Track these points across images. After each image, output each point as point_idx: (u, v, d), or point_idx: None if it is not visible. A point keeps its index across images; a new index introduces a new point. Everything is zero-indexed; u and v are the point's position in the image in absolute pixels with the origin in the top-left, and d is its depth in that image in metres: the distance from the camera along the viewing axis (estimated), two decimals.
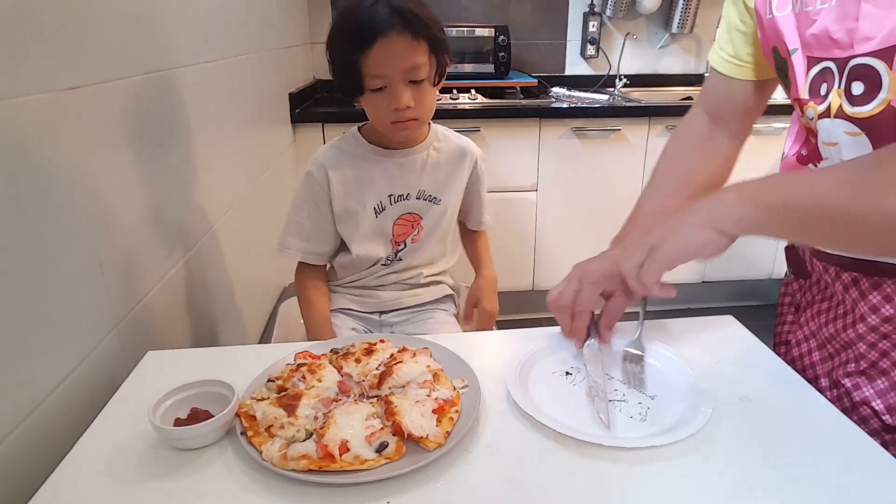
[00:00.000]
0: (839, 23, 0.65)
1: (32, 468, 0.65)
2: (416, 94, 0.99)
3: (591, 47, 2.72)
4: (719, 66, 0.88)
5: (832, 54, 0.68)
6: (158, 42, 1.07)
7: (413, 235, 1.16)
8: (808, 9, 0.69)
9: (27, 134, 0.69)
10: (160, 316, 1.02)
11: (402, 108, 0.98)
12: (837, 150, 0.70)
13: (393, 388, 0.70)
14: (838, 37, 0.66)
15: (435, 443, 0.62)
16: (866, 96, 0.64)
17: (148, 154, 1.01)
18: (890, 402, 0.73)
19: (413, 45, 0.96)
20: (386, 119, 1.01)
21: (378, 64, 0.95)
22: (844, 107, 0.67)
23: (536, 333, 0.86)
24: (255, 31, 1.74)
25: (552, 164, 2.32)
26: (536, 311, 2.40)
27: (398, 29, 0.94)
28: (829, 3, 0.67)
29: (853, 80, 0.66)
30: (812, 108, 0.71)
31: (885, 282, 0.72)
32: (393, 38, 0.94)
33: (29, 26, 0.70)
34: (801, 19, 0.70)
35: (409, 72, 0.97)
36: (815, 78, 0.71)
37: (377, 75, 0.96)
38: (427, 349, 0.78)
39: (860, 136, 0.66)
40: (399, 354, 0.76)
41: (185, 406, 0.67)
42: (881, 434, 0.73)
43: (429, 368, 0.73)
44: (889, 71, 0.61)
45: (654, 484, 0.59)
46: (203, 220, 1.26)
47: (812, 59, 0.71)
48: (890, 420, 0.72)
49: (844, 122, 0.67)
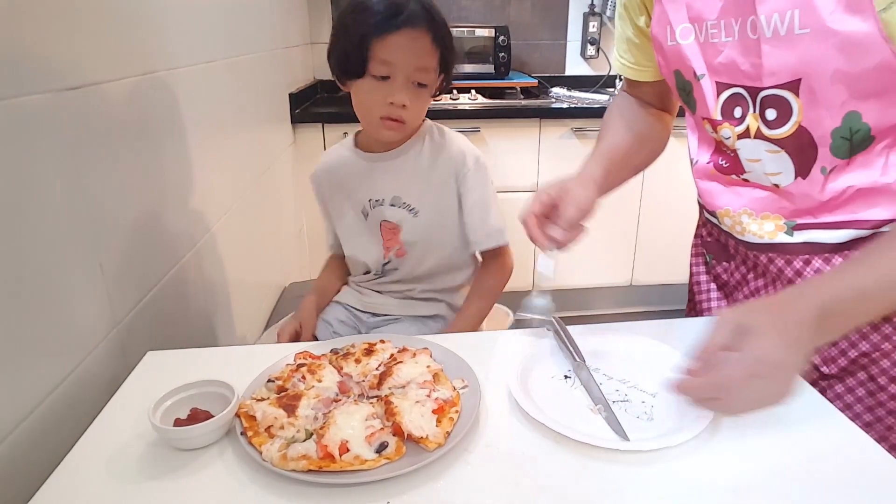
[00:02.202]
0: (744, 56, 0.71)
1: (32, 468, 0.65)
2: (415, 98, 0.98)
3: (592, 47, 2.72)
4: (625, 73, 0.95)
5: (742, 82, 0.73)
6: (158, 42, 1.06)
7: (397, 249, 1.10)
8: (713, 40, 0.74)
9: (27, 134, 0.69)
10: (160, 316, 1.02)
11: (399, 103, 0.96)
12: (761, 165, 0.77)
13: (393, 388, 0.70)
14: (745, 69, 0.72)
15: (435, 443, 0.62)
16: (780, 120, 0.72)
17: (148, 154, 1.01)
18: (825, 354, 0.79)
19: (430, 49, 0.96)
20: (376, 111, 0.98)
21: (393, 51, 0.94)
22: (762, 129, 0.74)
23: (537, 333, 0.86)
24: (255, 31, 1.74)
25: (552, 164, 2.32)
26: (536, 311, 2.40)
27: (424, 27, 0.94)
28: (732, 38, 0.72)
29: (766, 107, 0.72)
30: (728, 128, 0.78)
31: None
32: (417, 32, 0.94)
33: (29, 26, 0.70)
34: (707, 48, 0.76)
35: (418, 72, 0.96)
36: (727, 102, 0.77)
37: (387, 62, 0.94)
38: (427, 349, 0.78)
39: (780, 153, 0.74)
40: (399, 355, 0.76)
41: (185, 406, 0.67)
42: (818, 383, 0.80)
43: (429, 369, 0.73)
44: (797, 99, 0.69)
45: (654, 484, 0.59)
46: (203, 221, 1.26)
47: (721, 85, 0.76)
48: (826, 370, 0.80)
49: (764, 142, 0.75)
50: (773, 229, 0.79)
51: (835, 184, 0.72)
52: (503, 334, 0.89)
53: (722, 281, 0.94)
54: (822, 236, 0.76)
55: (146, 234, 0.99)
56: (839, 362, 0.79)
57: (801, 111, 0.69)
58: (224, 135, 1.41)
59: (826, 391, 0.79)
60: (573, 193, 0.76)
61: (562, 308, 0.81)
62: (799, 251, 0.78)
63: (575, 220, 0.76)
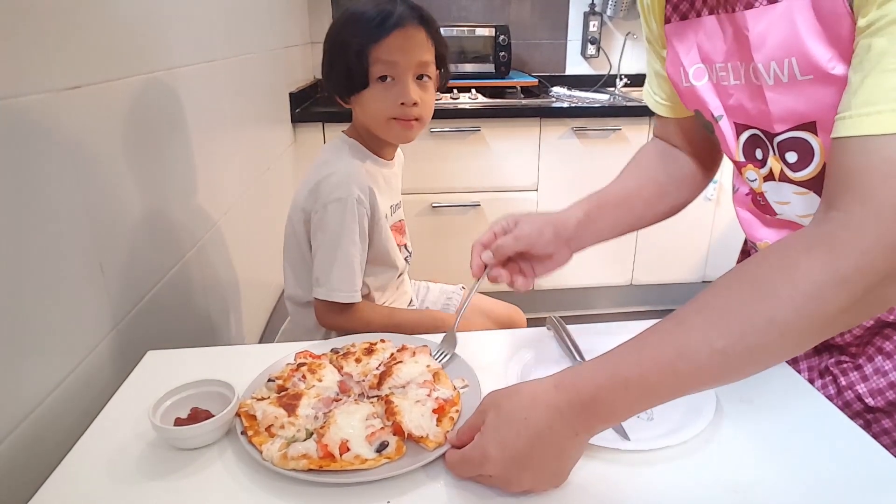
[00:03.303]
0: (752, 101, 0.67)
1: (32, 468, 0.65)
2: (423, 94, 1.00)
3: (592, 47, 2.72)
4: (656, 109, 0.89)
5: (756, 124, 0.69)
6: (158, 42, 1.06)
7: (406, 240, 1.19)
8: (723, 83, 0.71)
9: (27, 134, 0.69)
10: (160, 316, 1.02)
11: (410, 102, 0.98)
12: (790, 208, 0.71)
13: (393, 388, 0.70)
14: (754, 114, 0.68)
15: (435, 442, 0.62)
16: (802, 162, 0.66)
17: (148, 154, 1.00)
18: (872, 385, 0.74)
19: (426, 43, 0.99)
20: (388, 113, 1.00)
21: (393, 51, 0.96)
22: (785, 171, 0.69)
23: (537, 333, 0.86)
24: (255, 31, 1.74)
25: (552, 163, 2.32)
26: (537, 311, 2.39)
27: (416, 24, 0.97)
28: (739, 81, 0.68)
29: (785, 151, 0.67)
30: (753, 170, 0.74)
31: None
32: (410, 30, 0.96)
33: (29, 26, 0.70)
34: (720, 90, 0.72)
35: (420, 66, 0.99)
36: (747, 143, 0.72)
37: (389, 62, 0.97)
38: (426, 347, 0.78)
39: (809, 194, 0.68)
40: (399, 354, 0.76)
41: (185, 406, 0.67)
42: (863, 415, 0.75)
43: (429, 368, 0.73)
44: (816, 138, 0.63)
45: (654, 484, 0.59)
46: (203, 220, 1.26)
47: (740, 126, 0.72)
48: (872, 402, 0.74)
49: (790, 185, 0.69)
50: None
51: None
52: (503, 334, 0.89)
53: None
54: None
55: (146, 233, 0.99)
56: (887, 395, 0.73)
57: (823, 151, 0.63)
58: (224, 135, 1.41)
59: (871, 425, 0.74)
60: (518, 227, 0.77)
61: (562, 308, 0.81)
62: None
63: (504, 248, 0.76)
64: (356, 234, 1.00)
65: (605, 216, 0.83)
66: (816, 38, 0.58)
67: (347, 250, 0.99)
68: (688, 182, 0.89)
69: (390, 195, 1.12)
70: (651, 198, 0.87)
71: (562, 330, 0.82)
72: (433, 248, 2.25)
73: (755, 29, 0.63)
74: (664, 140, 0.91)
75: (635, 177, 0.88)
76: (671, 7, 0.76)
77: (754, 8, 0.63)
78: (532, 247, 0.77)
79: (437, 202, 2.29)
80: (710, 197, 2.37)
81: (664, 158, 0.90)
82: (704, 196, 2.36)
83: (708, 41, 0.71)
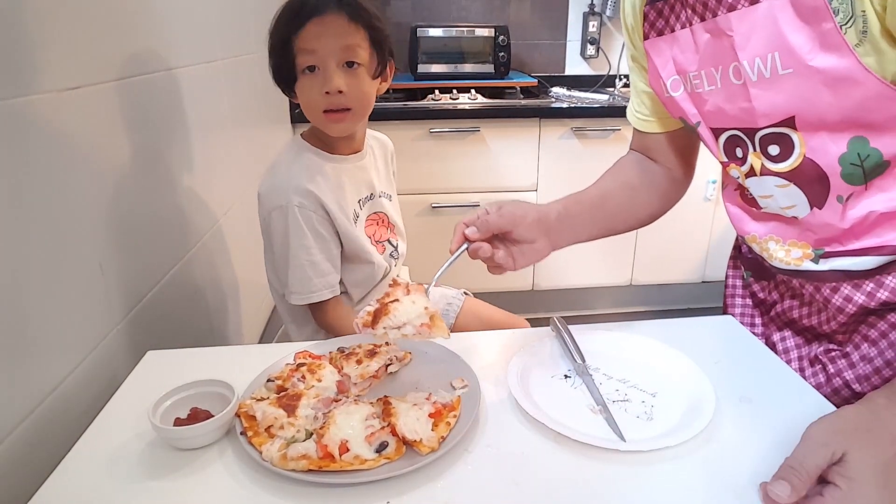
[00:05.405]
0: (730, 102, 0.72)
1: (32, 468, 0.65)
2: (351, 81, 0.97)
3: (591, 47, 2.72)
4: (636, 125, 0.93)
5: (734, 125, 0.74)
6: (158, 42, 1.07)
7: (389, 235, 1.17)
8: (698, 90, 0.75)
9: (27, 134, 0.69)
10: (160, 316, 1.02)
11: (334, 91, 0.96)
12: (774, 200, 0.76)
13: (388, 328, 0.69)
14: (734, 114, 0.72)
15: (428, 447, 0.61)
16: (783, 155, 0.71)
17: (148, 154, 1.01)
18: (859, 372, 0.77)
19: (349, 28, 0.96)
20: (318, 106, 0.98)
21: (311, 40, 0.94)
22: (766, 164, 0.73)
23: (537, 333, 0.86)
24: (255, 31, 1.73)
25: (552, 163, 2.32)
26: (536, 311, 2.40)
27: (334, 10, 0.95)
28: (715, 86, 0.73)
29: (767, 144, 0.72)
30: (735, 169, 0.78)
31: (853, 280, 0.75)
32: (329, 17, 0.94)
33: (29, 26, 0.70)
34: (695, 99, 0.77)
35: (344, 52, 0.96)
36: (727, 144, 0.78)
37: (309, 51, 0.95)
38: (421, 285, 0.76)
39: (789, 186, 0.73)
40: (392, 291, 0.74)
41: (185, 406, 0.67)
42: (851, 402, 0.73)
43: (426, 310, 0.72)
44: (796, 132, 0.68)
45: (654, 484, 0.59)
46: (203, 220, 1.26)
47: (717, 130, 0.78)
48: (859, 388, 0.77)
49: (772, 178, 0.74)
50: (801, 256, 0.77)
51: (854, 211, 0.70)
52: (503, 334, 0.89)
53: (758, 299, 0.93)
54: (848, 263, 0.73)
55: (146, 234, 0.99)
56: (873, 381, 0.75)
57: (804, 143, 0.68)
58: (224, 135, 1.41)
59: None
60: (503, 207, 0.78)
61: (562, 308, 0.81)
62: (826, 278, 0.76)
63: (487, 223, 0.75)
64: (306, 238, 1.00)
65: (582, 213, 0.87)
66: (797, 31, 0.62)
67: (297, 254, 1.01)
68: (662, 190, 0.94)
69: (355, 189, 1.08)
70: (626, 201, 0.92)
71: (562, 330, 0.83)
72: (433, 249, 2.24)
73: (739, 29, 0.67)
74: (640, 153, 0.96)
75: (612, 180, 0.93)
76: (648, 25, 0.81)
77: (737, 10, 0.67)
78: (515, 226, 0.77)
79: (437, 202, 2.29)
80: (709, 197, 2.37)
81: (640, 166, 0.95)
82: (704, 196, 2.38)
83: (682, 54, 0.76)
